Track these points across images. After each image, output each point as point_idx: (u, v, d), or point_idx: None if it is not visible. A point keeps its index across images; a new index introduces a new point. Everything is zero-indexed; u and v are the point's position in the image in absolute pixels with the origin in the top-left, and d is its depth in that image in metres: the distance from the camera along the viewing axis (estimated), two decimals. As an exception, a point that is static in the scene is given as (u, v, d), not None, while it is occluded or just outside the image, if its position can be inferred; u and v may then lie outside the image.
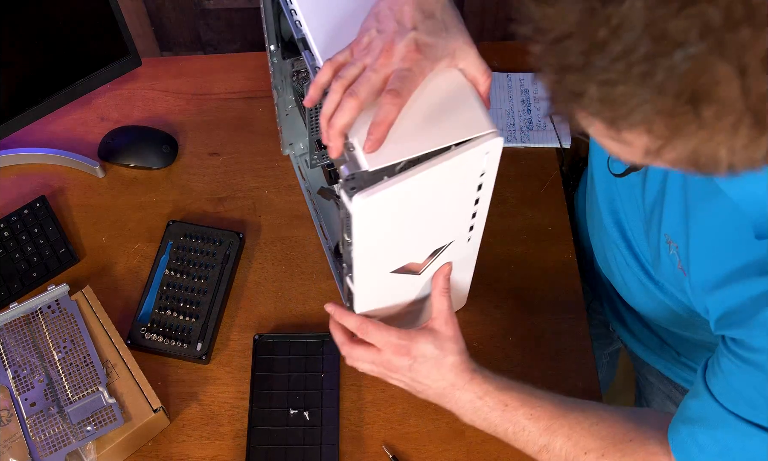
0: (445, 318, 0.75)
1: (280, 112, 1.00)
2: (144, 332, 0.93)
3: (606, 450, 0.70)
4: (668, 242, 0.69)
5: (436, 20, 0.63)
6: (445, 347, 0.74)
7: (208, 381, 0.92)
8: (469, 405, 0.74)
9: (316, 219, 1.02)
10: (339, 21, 0.71)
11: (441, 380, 0.74)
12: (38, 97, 1.01)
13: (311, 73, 0.69)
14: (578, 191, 1.07)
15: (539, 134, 1.10)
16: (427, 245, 0.73)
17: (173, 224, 1.01)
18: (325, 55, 0.68)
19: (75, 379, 0.85)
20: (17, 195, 1.05)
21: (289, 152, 1.08)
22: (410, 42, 0.61)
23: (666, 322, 0.86)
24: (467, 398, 0.74)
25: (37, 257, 0.99)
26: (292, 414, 0.88)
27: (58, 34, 0.99)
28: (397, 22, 0.62)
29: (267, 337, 0.93)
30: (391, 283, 0.75)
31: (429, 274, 0.77)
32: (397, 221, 0.66)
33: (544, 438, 0.72)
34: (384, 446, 0.87)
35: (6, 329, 0.88)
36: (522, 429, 0.73)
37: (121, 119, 1.13)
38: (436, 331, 0.75)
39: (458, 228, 0.74)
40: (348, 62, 0.63)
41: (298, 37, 0.71)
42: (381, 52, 0.61)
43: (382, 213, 0.63)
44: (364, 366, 0.77)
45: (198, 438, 0.88)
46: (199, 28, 1.49)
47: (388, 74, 0.61)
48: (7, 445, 0.81)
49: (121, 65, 1.06)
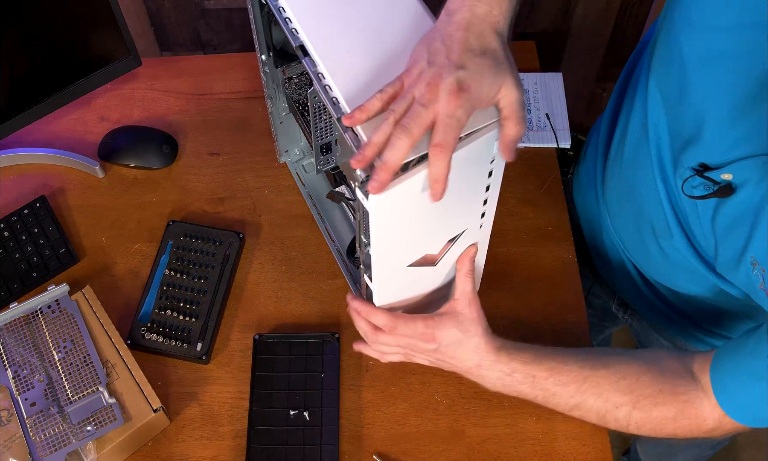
0: (468, 300, 0.77)
1: (275, 121, 1.00)
2: (144, 332, 0.93)
3: (637, 402, 0.74)
4: (753, 263, 0.68)
5: (486, 57, 0.62)
6: (468, 329, 0.77)
7: (208, 381, 0.92)
8: (498, 382, 0.78)
9: (320, 223, 1.02)
10: (335, 26, 0.71)
11: (467, 360, 0.77)
12: (38, 97, 1.01)
13: (315, 79, 0.69)
14: (578, 169, 1.06)
15: (539, 134, 1.10)
16: (442, 235, 0.75)
17: (173, 224, 1.01)
18: (326, 61, 0.68)
19: (75, 379, 0.85)
20: (17, 195, 1.05)
21: (285, 159, 1.07)
22: (454, 83, 0.60)
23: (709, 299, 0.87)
24: (495, 375, 0.77)
25: (37, 257, 0.99)
26: (292, 414, 0.88)
27: (58, 34, 0.99)
28: (447, 58, 0.61)
29: (267, 337, 0.93)
30: (409, 276, 0.77)
31: (445, 264, 0.79)
32: (413, 215, 0.67)
33: (575, 399, 0.76)
34: (375, 456, 0.87)
35: (6, 329, 0.88)
36: (552, 395, 0.77)
37: (121, 119, 1.13)
38: (458, 313, 0.77)
39: (471, 216, 0.75)
40: (398, 95, 0.63)
41: (297, 45, 0.71)
42: (428, 86, 0.60)
43: (398, 208, 0.64)
44: (389, 351, 0.81)
45: (198, 438, 0.88)
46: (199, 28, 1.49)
47: (436, 110, 0.60)
48: (7, 445, 0.81)
49: (121, 65, 1.06)
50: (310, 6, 0.73)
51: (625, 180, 0.88)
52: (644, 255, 0.90)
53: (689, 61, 0.69)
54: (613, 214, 0.94)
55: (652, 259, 0.89)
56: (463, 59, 0.61)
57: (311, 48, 0.70)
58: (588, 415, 0.77)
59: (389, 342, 0.79)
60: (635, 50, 0.91)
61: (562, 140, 1.09)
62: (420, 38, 0.65)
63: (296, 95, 0.93)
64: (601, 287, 1.08)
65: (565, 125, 1.11)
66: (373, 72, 0.68)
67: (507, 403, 0.90)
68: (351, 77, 0.68)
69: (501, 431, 0.89)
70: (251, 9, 0.83)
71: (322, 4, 0.73)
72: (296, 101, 0.93)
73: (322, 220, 1.02)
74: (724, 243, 0.71)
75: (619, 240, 0.94)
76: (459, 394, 0.91)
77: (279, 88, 0.95)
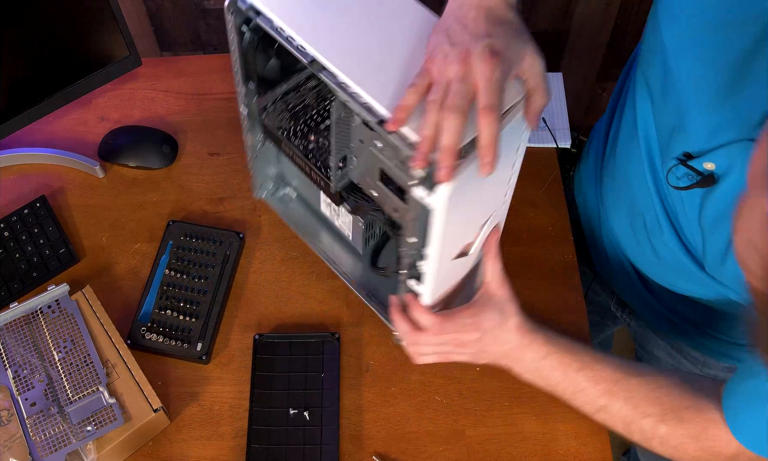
0: (499, 281, 0.78)
1: (252, 155, 0.94)
2: (144, 332, 0.93)
3: (665, 415, 0.72)
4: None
5: (507, 26, 0.63)
6: (505, 310, 0.77)
7: (208, 381, 0.92)
8: (531, 365, 0.77)
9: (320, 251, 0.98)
10: (338, 35, 0.70)
11: (506, 342, 0.77)
12: (38, 97, 1.01)
13: (338, 90, 0.67)
14: (579, 168, 1.06)
15: (539, 134, 1.10)
16: (477, 222, 0.75)
17: (173, 224, 1.01)
18: (344, 70, 0.67)
19: (75, 379, 0.85)
20: (17, 195, 1.05)
21: (261, 194, 1.01)
22: (485, 49, 0.60)
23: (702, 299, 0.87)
24: (530, 357, 0.77)
25: (37, 257, 0.99)
26: (292, 414, 0.88)
27: (58, 34, 0.99)
28: (470, 34, 0.61)
29: (267, 337, 0.93)
30: (450, 270, 0.77)
31: (473, 252, 0.79)
32: (465, 203, 0.67)
33: (603, 400, 0.75)
34: (375, 456, 0.87)
35: (6, 329, 0.88)
36: (581, 391, 0.76)
37: (121, 119, 1.13)
38: (493, 295, 0.77)
39: (499, 197, 0.76)
40: (431, 83, 0.62)
41: (309, 60, 0.70)
42: (459, 62, 0.60)
43: (456, 198, 0.64)
44: (428, 351, 0.80)
45: (198, 438, 0.88)
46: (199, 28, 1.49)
47: (474, 80, 0.60)
48: (7, 445, 0.81)
49: (121, 65, 1.06)
50: (305, 22, 0.71)
51: (619, 175, 0.88)
52: (639, 253, 0.91)
53: (670, 50, 0.69)
54: (609, 211, 0.94)
55: (646, 256, 0.89)
56: (486, 29, 0.61)
57: (326, 60, 0.69)
58: (614, 421, 0.75)
59: (431, 342, 0.78)
60: (635, 50, 0.91)
61: (562, 139, 1.09)
62: (433, 28, 0.66)
63: (278, 122, 0.87)
64: (600, 286, 1.08)
65: (565, 124, 1.11)
66: (392, 71, 0.67)
67: (507, 403, 0.90)
68: (374, 80, 0.67)
69: (501, 431, 0.89)
70: (233, 40, 0.79)
71: (317, 19, 0.71)
72: (279, 128, 0.87)
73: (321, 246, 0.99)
74: (710, 239, 0.72)
75: (616, 238, 0.94)
76: (459, 394, 0.91)
77: (255, 120, 0.90)
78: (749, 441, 0.69)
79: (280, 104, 0.87)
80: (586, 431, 0.88)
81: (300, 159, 0.85)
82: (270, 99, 0.86)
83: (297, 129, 0.86)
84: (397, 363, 0.93)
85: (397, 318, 0.80)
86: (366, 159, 0.75)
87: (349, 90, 0.67)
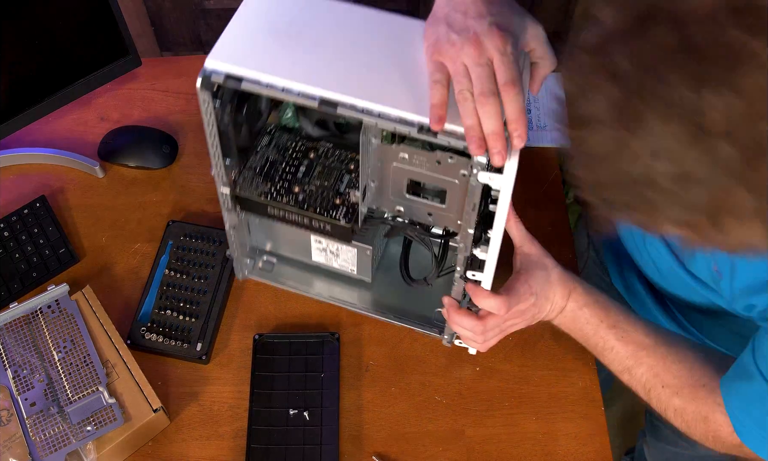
0: (529, 241, 0.80)
1: (234, 236, 0.88)
2: (144, 332, 0.93)
3: (681, 389, 0.74)
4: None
5: (502, 3, 0.64)
6: (546, 263, 0.79)
7: (208, 381, 0.92)
8: (570, 314, 0.79)
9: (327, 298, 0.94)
10: (328, 65, 0.69)
11: (554, 295, 0.79)
12: (38, 97, 1.01)
13: (364, 116, 0.66)
14: None
15: (539, 134, 1.10)
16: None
17: (173, 224, 1.01)
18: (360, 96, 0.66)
19: (75, 379, 0.85)
20: (17, 195, 1.05)
21: (245, 274, 0.94)
22: (492, 27, 0.61)
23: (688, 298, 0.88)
24: (570, 307, 0.79)
25: (37, 257, 0.99)
26: (292, 414, 0.88)
27: (58, 34, 0.99)
28: (472, 18, 0.63)
29: (267, 337, 0.93)
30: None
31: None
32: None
33: (629, 362, 0.77)
34: (375, 456, 0.87)
35: (6, 329, 0.88)
36: (611, 349, 0.78)
37: (121, 119, 1.13)
38: (528, 254, 0.79)
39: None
40: (449, 74, 0.63)
41: (319, 102, 0.67)
42: (471, 47, 0.62)
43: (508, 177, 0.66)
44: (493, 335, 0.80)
45: (198, 438, 0.88)
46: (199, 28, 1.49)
47: (490, 59, 0.61)
48: (7, 445, 0.81)
49: (121, 65, 1.06)
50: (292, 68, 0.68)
51: None
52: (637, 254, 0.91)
53: None
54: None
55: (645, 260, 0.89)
56: (486, 10, 0.63)
57: (337, 96, 0.66)
58: (636, 384, 0.77)
59: (498, 324, 0.79)
60: None
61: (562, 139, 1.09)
62: (426, 22, 0.67)
63: (254, 191, 0.82)
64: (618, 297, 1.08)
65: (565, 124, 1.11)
66: (396, 78, 0.67)
67: (507, 403, 0.90)
68: (389, 94, 0.66)
69: (501, 431, 0.89)
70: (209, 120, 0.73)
71: (298, 60, 0.68)
72: (261, 194, 0.81)
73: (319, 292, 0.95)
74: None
75: (624, 242, 0.94)
76: (459, 394, 0.91)
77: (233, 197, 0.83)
78: (751, 442, 0.69)
79: (248, 172, 0.83)
80: (586, 431, 0.88)
81: (296, 214, 0.81)
82: (237, 170, 0.81)
83: (279, 188, 0.82)
84: (397, 363, 0.93)
85: (458, 317, 0.79)
86: (388, 178, 0.75)
87: (376, 111, 0.66)
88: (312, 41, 0.70)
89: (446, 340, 0.88)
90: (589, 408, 0.90)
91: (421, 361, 0.93)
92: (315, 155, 0.84)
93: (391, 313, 0.93)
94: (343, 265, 0.92)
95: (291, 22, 0.72)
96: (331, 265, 0.93)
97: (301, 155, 0.85)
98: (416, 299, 0.92)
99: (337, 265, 0.92)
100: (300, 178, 0.83)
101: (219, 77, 0.69)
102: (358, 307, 0.93)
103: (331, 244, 0.89)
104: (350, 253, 0.89)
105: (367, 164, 0.76)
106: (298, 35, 0.71)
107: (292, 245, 0.93)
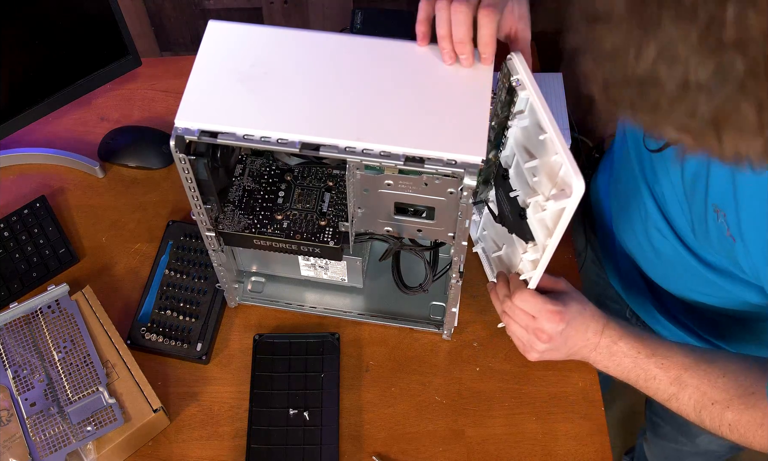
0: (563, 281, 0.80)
1: (224, 273, 0.88)
2: (144, 332, 0.93)
3: (731, 401, 0.73)
4: (716, 210, 0.70)
5: None
6: (581, 299, 0.79)
7: (208, 381, 0.92)
8: (606, 350, 0.78)
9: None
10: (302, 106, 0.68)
11: (586, 330, 0.78)
12: (38, 98, 1.01)
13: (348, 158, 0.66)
14: (596, 176, 1.07)
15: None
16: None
17: (173, 224, 1.01)
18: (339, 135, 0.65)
19: (75, 379, 0.85)
20: (17, 195, 1.05)
21: (237, 300, 0.96)
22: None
23: (699, 295, 0.87)
24: (605, 343, 0.78)
25: (37, 257, 0.99)
26: (292, 414, 0.88)
27: (58, 34, 0.99)
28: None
29: (267, 337, 0.93)
30: None
31: None
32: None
33: (674, 388, 0.76)
34: (375, 457, 0.87)
35: (6, 329, 0.88)
36: (653, 378, 0.77)
37: (121, 119, 1.13)
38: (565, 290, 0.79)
39: None
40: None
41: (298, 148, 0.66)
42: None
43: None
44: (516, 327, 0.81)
45: (198, 438, 0.88)
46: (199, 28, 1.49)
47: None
48: (7, 445, 0.81)
49: (121, 65, 1.06)
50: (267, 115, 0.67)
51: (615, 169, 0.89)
52: (640, 251, 0.91)
53: None
54: (615, 212, 0.94)
55: (646, 255, 0.89)
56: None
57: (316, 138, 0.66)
58: (685, 408, 0.76)
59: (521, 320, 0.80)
60: None
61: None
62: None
63: (237, 225, 0.82)
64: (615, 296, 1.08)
65: (565, 125, 1.11)
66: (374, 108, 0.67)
67: (507, 403, 0.90)
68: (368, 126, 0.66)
69: (501, 431, 0.89)
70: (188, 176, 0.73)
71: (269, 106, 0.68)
72: (245, 229, 0.81)
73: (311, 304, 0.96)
74: (693, 202, 0.73)
75: (622, 241, 0.94)
76: (459, 394, 0.91)
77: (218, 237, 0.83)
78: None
79: (228, 207, 0.83)
80: (586, 431, 0.88)
81: (284, 243, 0.81)
82: (218, 207, 0.81)
83: (261, 217, 0.82)
84: (397, 363, 0.93)
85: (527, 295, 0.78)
86: (375, 205, 0.75)
87: (359, 150, 0.65)
88: (280, 80, 0.69)
89: (446, 335, 0.88)
90: (589, 408, 0.90)
91: (421, 361, 0.93)
92: (291, 177, 0.85)
93: (388, 315, 0.93)
94: (333, 276, 0.92)
95: (254, 63, 0.70)
96: (320, 277, 0.93)
97: (277, 179, 0.84)
98: (410, 298, 0.93)
99: (327, 277, 0.93)
100: (281, 204, 0.83)
101: (193, 135, 0.68)
102: (354, 314, 0.94)
103: (320, 260, 0.89)
104: (340, 266, 0.90)
105: (352, 194, 0.75)
106: (265, 76, 0.70)
107: (279, 265, 0.93)
